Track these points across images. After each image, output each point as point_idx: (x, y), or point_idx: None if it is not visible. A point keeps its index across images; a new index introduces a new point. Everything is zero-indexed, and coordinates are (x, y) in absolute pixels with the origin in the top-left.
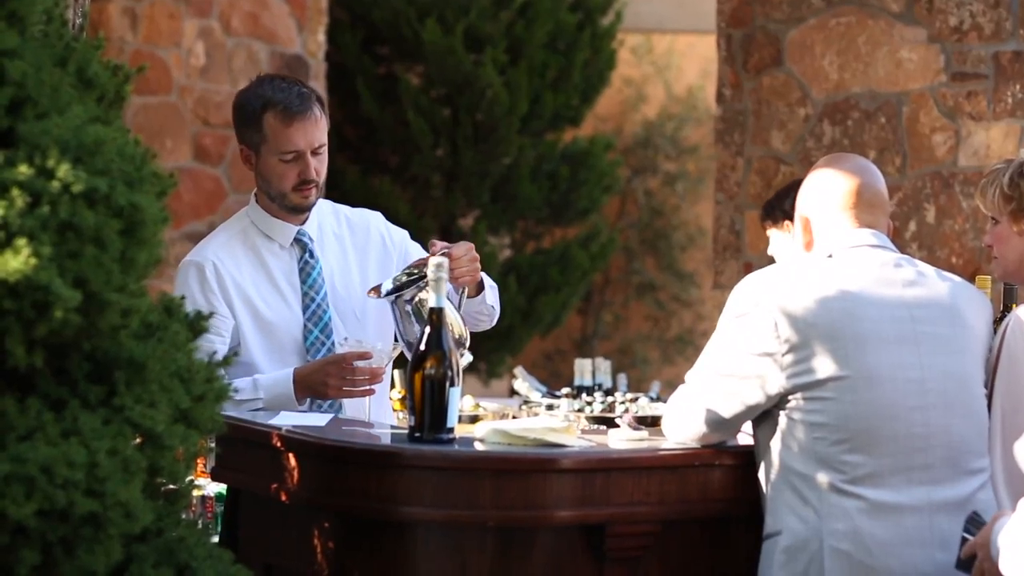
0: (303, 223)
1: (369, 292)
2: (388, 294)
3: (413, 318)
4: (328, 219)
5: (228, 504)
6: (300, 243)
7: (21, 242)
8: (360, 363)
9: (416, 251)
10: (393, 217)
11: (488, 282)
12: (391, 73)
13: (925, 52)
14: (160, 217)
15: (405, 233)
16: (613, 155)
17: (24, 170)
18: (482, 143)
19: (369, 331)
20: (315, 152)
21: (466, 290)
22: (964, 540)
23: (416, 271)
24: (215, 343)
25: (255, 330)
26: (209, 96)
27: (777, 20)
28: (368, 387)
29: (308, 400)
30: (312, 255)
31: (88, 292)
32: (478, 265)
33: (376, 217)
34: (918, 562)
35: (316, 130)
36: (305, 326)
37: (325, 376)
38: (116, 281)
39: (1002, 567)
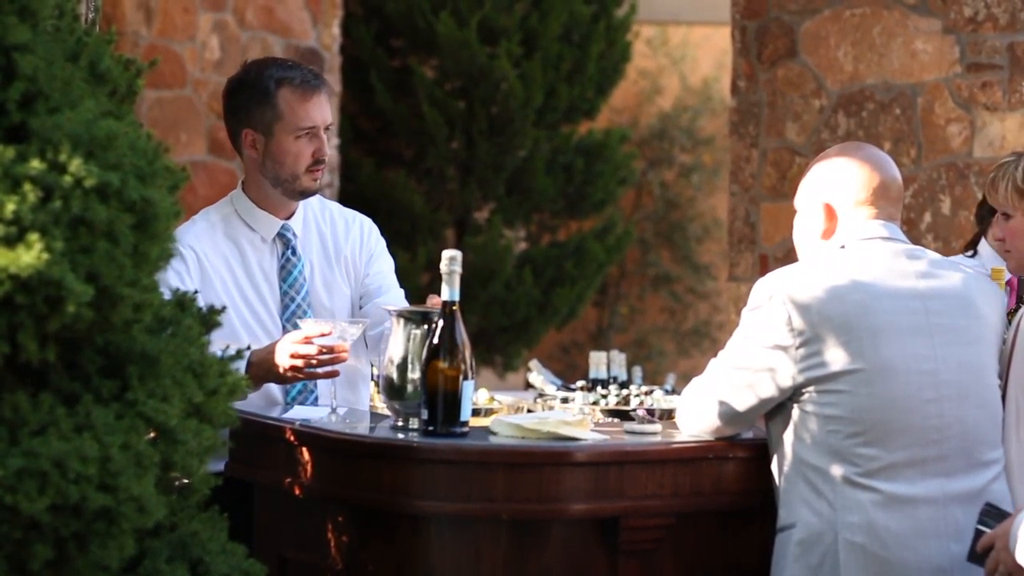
0: (289, 217)
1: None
2: None
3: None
4: (315, 213)
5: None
6: (283, 239)
7: (33, 237)
8: (321, 341)
9: (382, 268)
10: (408, 210)
11: None
12: (405, 66)
13: (940, 43)
14: (172, 211)
15: (382, 247)
16: (628, 147)
17: (36, 165)
18: (497, 136)
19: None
20: (326, 130)
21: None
22: (978, 532)
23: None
24: None
25: (230, 326)
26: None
27: (792, 11)
28: (329, 368)
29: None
30: (295, 252)
31: (100, 286)
32: None
33: (362, 218)
34: (933, 554)
35: (327, 108)
36: (284, 327)
37: (281, 357)
38: (128, 275)
39: (1020, 558)
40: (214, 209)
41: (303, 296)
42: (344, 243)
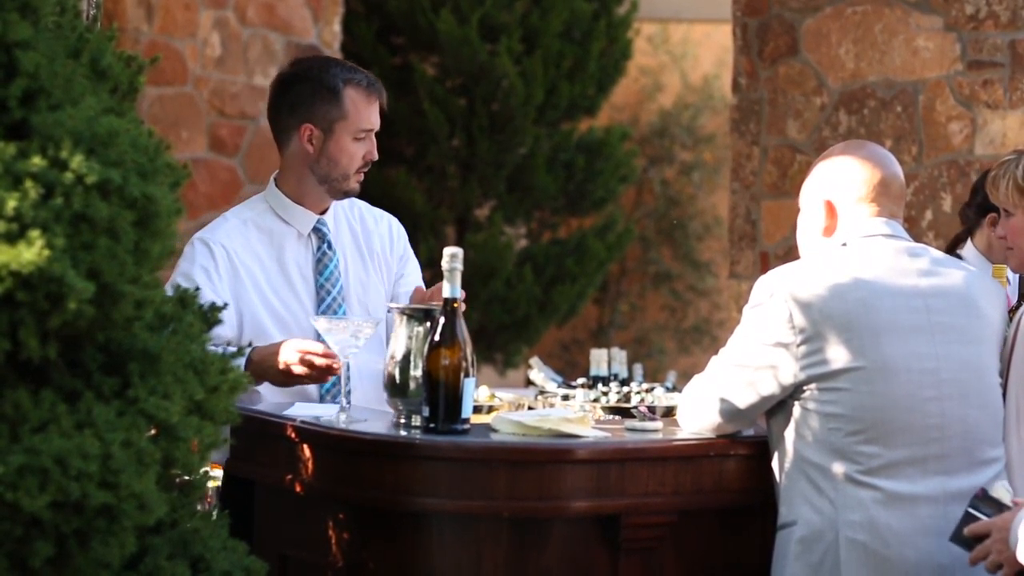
0: (323, 213)
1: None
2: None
3: None
4: (344, 210)
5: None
6: (319, 233)
7: (34, 234)
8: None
9: (414, 271)
10: (409, 208)
11: None
12: (406, 63)
13: (941, 40)
14: (174, 208)
15: (409, 247)
16: (629, 145)
17: (37, 161)
18: (498, 133)
19: (382, 329)
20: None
21: None
22: (968, 515)
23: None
24: (224, 330)
25: (265, 321)
26: (225, 87)
27: (793, 9)
28: (325, 372)
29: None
30: (330, 246)
31: (102, 284)
32: None
33: (389, 217)
34: (934, 552)
35: (378, 112)
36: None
37: (288, 354)
38: (130, 272)
39: (1019, 556)
40: (246, 206)
41: (338, 290)
42: (374, 239)
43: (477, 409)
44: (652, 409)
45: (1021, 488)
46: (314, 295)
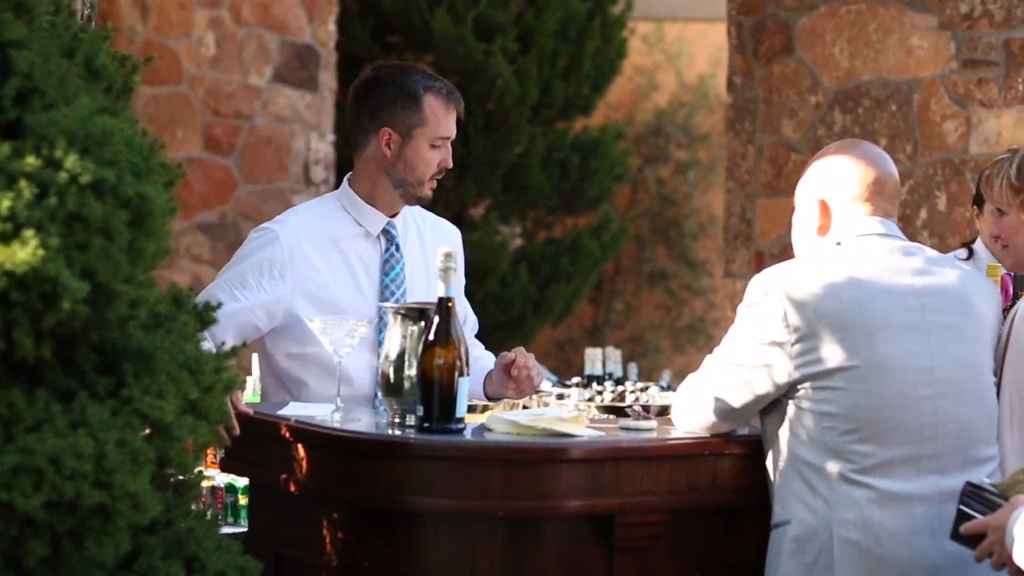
0: (393, 216)
1: None
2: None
3: None
4: (414, 216)
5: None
6: (388, 235)
7: (29, 233)
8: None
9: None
10: None
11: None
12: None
13: (936, 39)
14: (168, 208)
15: (462, 267)
16: (624, 144)
17: (31, 161)
18: (493, 132)
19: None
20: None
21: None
22: (961, 512)
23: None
24: (256, 316)
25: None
26: (220, 86)
27: (788, 8)
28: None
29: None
30: (398, 248)
31: (96, 283)
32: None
33: (456, 232)
34: (928, 551)
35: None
36: (381, 319)
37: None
38: (124, 272)
39: (1016, 558)
40: (317, 202)
41: (402, 292)
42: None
43: (471, 408)
44: (646, 408)
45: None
46: (378, 294)
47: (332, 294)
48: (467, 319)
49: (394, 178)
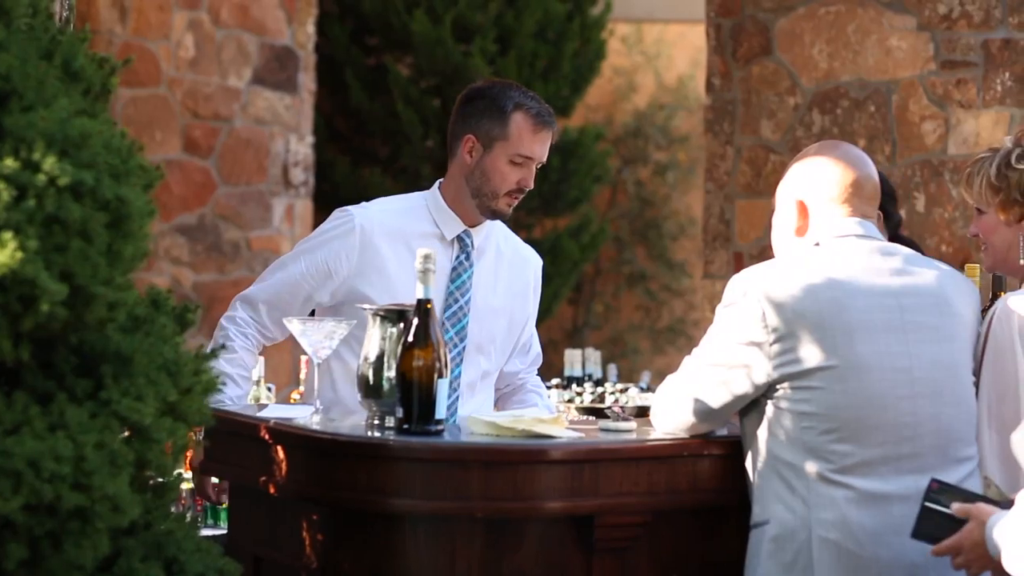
0: (474, 226)
1: None
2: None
3: None
4: (499, 234)
5: None
6: (462, 242)
7: (7, 235)
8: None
9: (533, 320)
10: None
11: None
12: (380, 64)
13: (915, 40)
14: (147, 210)
15: (537, 299)
16: (603, 145)
17: (10, 163)
18: None
19: (492, 353)
20: (538, 166)
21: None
22: (926, 509)
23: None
24: (309, 285)
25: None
26: (198, 88)
27: (766, 9)
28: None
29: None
30: (468, 258)
31: (74, 285)
32: None
33: (537, 262)
34: (906, 551)
35: (547, 146)
36: (443, 323)
37: None
38: (102, 274)
39: (1009, 565)
40: (406, 197)
41: (466, 300)
42: (513, 274)
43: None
44: (623, 409)
45: (1000, 487)
46: (442, 299)
47: (395, 289)
48: (530, 349)
49: (472, 186)
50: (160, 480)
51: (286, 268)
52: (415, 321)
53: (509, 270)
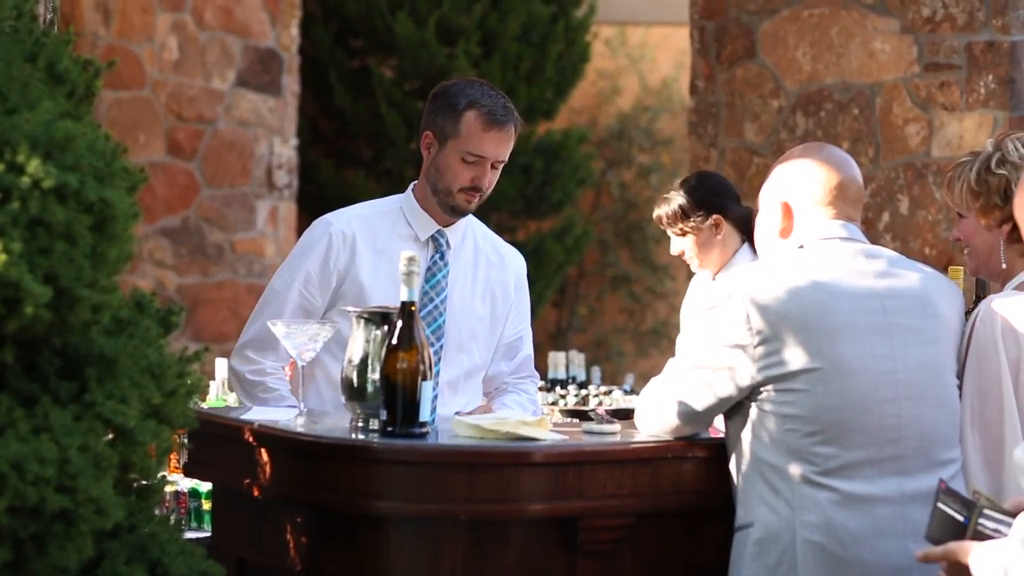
0: (447, 225)
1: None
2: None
3: None
4: (476, 234)
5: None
6: (436, 242)
7: None
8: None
9: (524, 321)
10: None
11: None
12: (364, 66)
13: (898, 43)
14: (131, 212)
15: (527, 301)
16: (587, 148)
17: None
18: None
19: (474, 351)
20: (495, 165)
21: None
22: (938, 511)
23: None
24: (315, 303)
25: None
26: (182, 90)
27: (750, 12)
28: None
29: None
30: (443, 257)
31: (59, 288)
32: None
33: (519, 261)
34: (890, 553)
35: (506, 144)
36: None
37: None
38: (87, 277)
39: None
40: (381, 201)
41: (441, 299)
42: (492, 273)
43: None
44: (614, 413)
45: (979, 488)
46: (418, 299)
47: (370, 290)
48: (517, 354)
49: (430, 183)
50: (144, 482)
51: (278, 296)
52: (399, 323)
53: (487, 268)
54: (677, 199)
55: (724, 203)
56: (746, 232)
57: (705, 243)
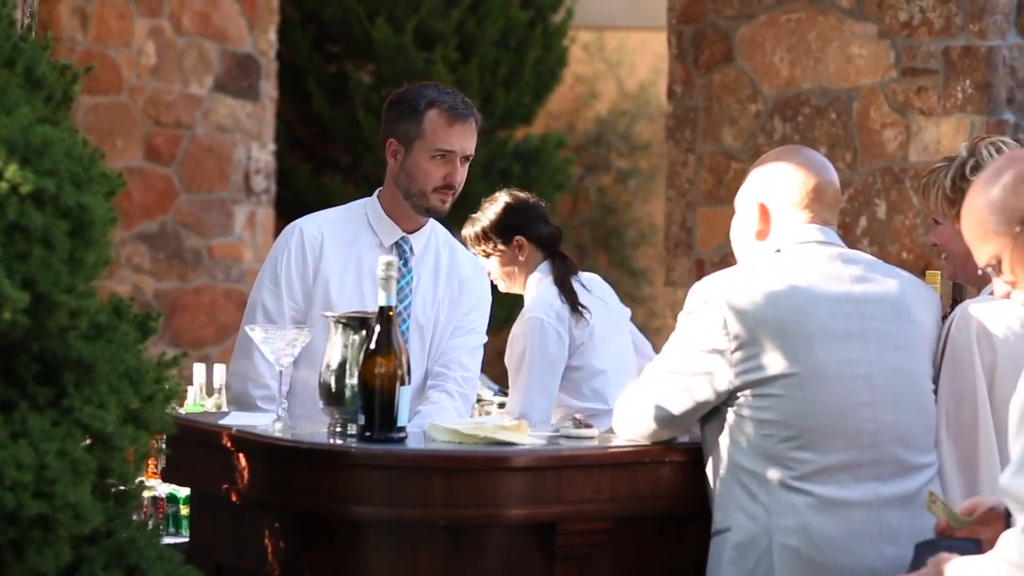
0: (412, 232)
1: None
2: None
3: None
4: (439, 239)
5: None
6: (399, 249)
7: None
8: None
9: (481, 320)
10: None
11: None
12: (342, 71)
13: (875, 47)
14: (109, 217)
15: (487, 299)
16: (565, 152)
17: None
18: None
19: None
20: (463, 160)
21: None
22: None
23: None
24: (299, 307)
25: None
26: (160, 96)
27: (728, 16)
28: None
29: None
30: (407, 264)
31: (36, 293)
32: None
33: (477, 270)
34: (867, 557)
35: (471, 138)
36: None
37: None
38: (64, 282)
39: None
40: (347, 207)
41: (405, 306)
42: (453, 278)
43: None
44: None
45: (954, 492)
46: (395, 303)
47: (336, 295)
48: (466, 333)
49: (402, 189)
50: (122, 488)
51: (259, 307)
52: (377, 328)
53: (450, 275)
54: (480, 222)
55: (526, 224)
56: (549, 251)
57: (508, 264)
